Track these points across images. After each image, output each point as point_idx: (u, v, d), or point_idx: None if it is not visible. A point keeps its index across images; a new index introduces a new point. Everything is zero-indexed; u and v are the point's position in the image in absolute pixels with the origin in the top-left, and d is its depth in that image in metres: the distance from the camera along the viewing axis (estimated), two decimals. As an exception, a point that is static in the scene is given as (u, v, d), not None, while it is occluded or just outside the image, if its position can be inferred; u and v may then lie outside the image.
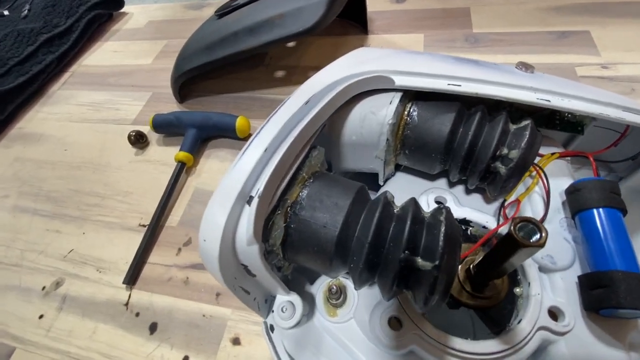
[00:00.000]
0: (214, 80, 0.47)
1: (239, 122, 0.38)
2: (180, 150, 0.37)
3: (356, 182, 0.18)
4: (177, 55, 0.47)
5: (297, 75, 0.46)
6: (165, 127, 0.40)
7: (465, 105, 0.21)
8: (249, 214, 0.14)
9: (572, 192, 0.20)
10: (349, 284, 0.20)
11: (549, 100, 0.20)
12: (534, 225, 0.14)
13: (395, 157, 0.23)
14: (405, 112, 0.21)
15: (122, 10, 0.65)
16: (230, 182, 0.14)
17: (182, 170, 0.37)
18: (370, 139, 0.21)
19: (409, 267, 0.15)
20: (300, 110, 0.17)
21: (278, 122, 0.16)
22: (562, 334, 0.17)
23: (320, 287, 0.21)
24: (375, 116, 0.20)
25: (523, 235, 0.14)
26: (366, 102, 0.21)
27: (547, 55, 0.41)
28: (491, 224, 0.21)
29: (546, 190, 0.21)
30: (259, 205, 0.14)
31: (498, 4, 0.49)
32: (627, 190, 0.25)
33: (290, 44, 0.50)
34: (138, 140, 0.41)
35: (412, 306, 0.18)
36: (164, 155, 0.40)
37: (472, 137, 0.20)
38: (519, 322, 0.17)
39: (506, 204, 0.21)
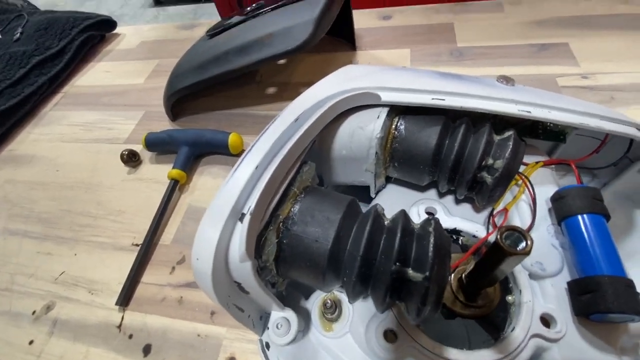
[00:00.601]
0: (206, 98, 0.48)
1: (232, 138, 0.38)
2: (173, 167, 0.38)
3: (347, 195, 0.18)
4: (169, 74, 0.48)
5: (289, 92, 0.46)
6: (158, 145, 0.40)
7: (450, 117, 0.22)
8: (241, 231, 0.14)
9: (557, 200, 0.21)
10: (343, 298, 0.20)
11: (529, 112, 0.21)
12: (520, 234, 0.14)
13: (385, 170, 0.24)
14: (393, 126, 0.22)
15: (114, 31, 0.66)
16: (222, 200, 0.15)
17: (175, 187, 0.37)
18: (360, 153, 0.22)
19: (401, 278, 0.15)
20: (290, 127, 0.18)
21: (268, 139, 0.17)
22: (555, 340, 0.17)
23: (315, 302, 0.21)
24: (364, 131, 0.21)
25: (509, 244, 0.14)
26: (354, 118, 0.21)
27: (529, 67, 0.42)
28: (481, 232, 0.21)
29: (532, 198, 0.21)
30: (250, 222, 0.14)
31: (480, 19, 0.51)
32: (611, 195, 0.26)
33: (281, 62, 0.51)
34: (131, 159, 0.41)
35: (406, 318, 0.18)
36: (157, 173, 0.40)
37: (458, 148, 0.21)
38: (513, 329, 0.18)
39: (494, 212, 0.22)
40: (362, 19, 0.54)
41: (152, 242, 0.34)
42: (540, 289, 0.19)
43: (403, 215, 0.16)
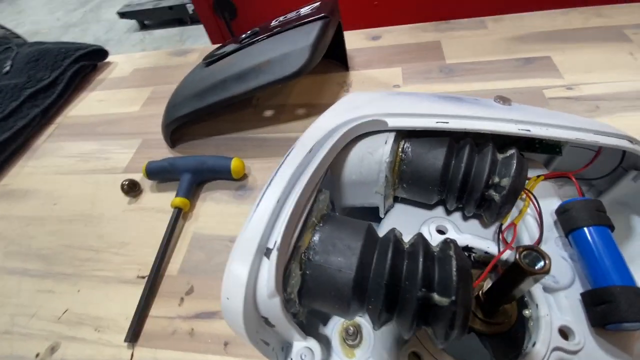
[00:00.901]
0: (204, 124, 0.48)
1: (234, 163, 0.38)
2: (177, 196, 0.37)
3: (363, 221, 0.19)
4: (165, 101, 0.48)
5: (286, 114, 0.47)
6: (160, 173, 0.40)
7: (454, 138, 0.23)
8: (268, 267, 0.14)
9: (562, 213, 0.21)
10: (364, 322, 0.20)
11: (529, 130, 0.22)
12: (537, 253, 0.15)
13: (394, 191, 0.24)
14: (400, 150, 0.23)
15: (106, 60, 0.66)
16: (248, 236, 0.15)
17: (179, 216, 0.37)
18: (370, 177, 0.22)
19: (426, 304, 0.15)
20: (305, 158, 0.18)
21: (286, 172, 0.17)
22: (575, 352, 0.18)
23: (334, 328, 0.21)
24: (373, 156, 0.22)
25: (528, 263, 0.15)
26: (363, 144, 0.22)
27: (517, 81, 0.44)
28: (492, 248, 0.22)
29: (538, 213, 0.22)
30: (278, 257, 0.14)
31: (465, 37, 0.53)
32: (608, 203, 0.27)
33: (277, 84, 0.52)
34: (132, 189, 0.40)
35: (429, 339, 0.19)
36: (159, 202, 0.40)
37: (465, 168, 0.21)
38: (534, 344, 0.18)
39: (503, 228, 0.22)
40: (352, 40, 0.56)
41: (159, 273, 0.33)
42: (555, 302, 0.19)
43: (422, 239, 0.17)
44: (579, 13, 0.52)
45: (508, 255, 0.21)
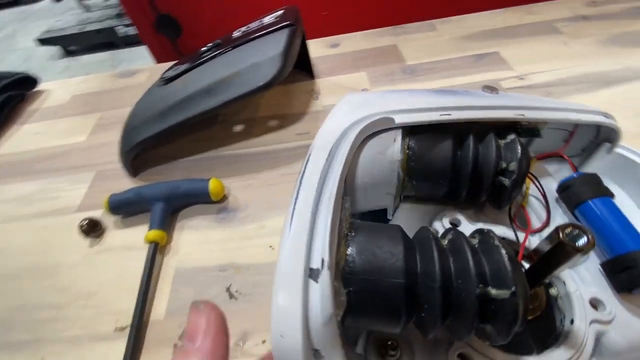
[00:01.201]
0: (168, 146, 0.44)
1: (212, 184, 0.35)
2: (150, 229, 0.33)
3: (392, 224, 0.18)
4: (117, 127, 0.44)
5: (257, 127, 0.45)
6: (125, 206, 0.36)
7: (454, 129, 0.23)
8: (321, 290, 0.12)
9: (563, 190, 0.22)
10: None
11: (523, 115, 0.23)
12: (579, 230, 0.15)
13: (403, 189, 0.24)
14: (406, 147, 0.22)
15: (36, 89, 0.59)
16: (289, 258, 0.13)
17: (155, 251, 0.33)
18: (382, 178, 0.21)
19: (483, 300, 0.14)
20: (326, 164, 0.17)
21: (312, 180, 0.15)
22: (610, 321, 0.18)
23: (368, 345, 0.19)
24: (384, 156, 0.21)
25: (570, 240, 0.15)
26: (372, 145, 0.21)
27: (474, 75, 0.47)
28: (508, 234, 0.22)
29: (542, 193, 0.23)
30: (330, 277, 0.13)
31: (419, 39, 0.55)
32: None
33: (242, 98, 0.49)
34: (92, 229, 0.35)
35: (474, 337, 0.18)
36: (128, 239, 0.35)
37: (473, 157, 0.21)
38: (571, 322, 0.18)
39: (512, 212, 0.23)
40: (312, 49, 0.55)
41: (142, 320, 0.29)
42: (578, 275, 0.20)
43: (459, 233, 0.16)
44: (513, 12, 0.58)
45: (530, 239, 0.21)
